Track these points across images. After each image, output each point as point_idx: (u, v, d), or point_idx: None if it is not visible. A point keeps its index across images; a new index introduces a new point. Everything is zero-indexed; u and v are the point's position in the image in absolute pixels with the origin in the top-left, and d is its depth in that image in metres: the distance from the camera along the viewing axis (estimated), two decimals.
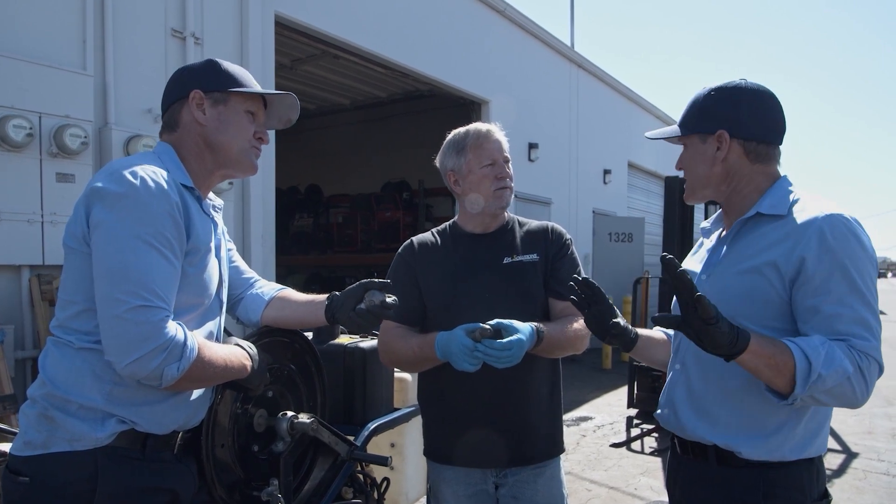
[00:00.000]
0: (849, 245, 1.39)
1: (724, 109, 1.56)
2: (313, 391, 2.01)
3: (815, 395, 1.35)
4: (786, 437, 1.47)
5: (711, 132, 1.57)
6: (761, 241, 1.50)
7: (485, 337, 1.65)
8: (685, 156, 1.66)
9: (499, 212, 2.02)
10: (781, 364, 1.34)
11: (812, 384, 1.32)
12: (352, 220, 11.84)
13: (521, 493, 1.96)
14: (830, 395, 1.35)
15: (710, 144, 1.57)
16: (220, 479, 1.67)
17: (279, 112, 1.75)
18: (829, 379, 1.32)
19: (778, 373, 1.34)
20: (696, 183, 1.64)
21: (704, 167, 1.59)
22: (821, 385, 1.32)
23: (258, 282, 1.90)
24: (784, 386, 1.35)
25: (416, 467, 3.11)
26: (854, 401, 1.37)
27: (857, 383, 1.34)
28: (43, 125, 3.97)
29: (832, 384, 1.32)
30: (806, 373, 1.32)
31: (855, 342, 1.35)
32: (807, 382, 1.32)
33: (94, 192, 1.38)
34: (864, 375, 1.34)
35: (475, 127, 2.01)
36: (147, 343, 1.31)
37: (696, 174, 1.63)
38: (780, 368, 1.34)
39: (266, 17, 5.63)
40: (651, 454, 5.41)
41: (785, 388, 1.36)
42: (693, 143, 1.62)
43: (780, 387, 1.36)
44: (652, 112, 14.43)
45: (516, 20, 9.39)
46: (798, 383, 1.32)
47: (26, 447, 1.40)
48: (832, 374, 1.32)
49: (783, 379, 1.34)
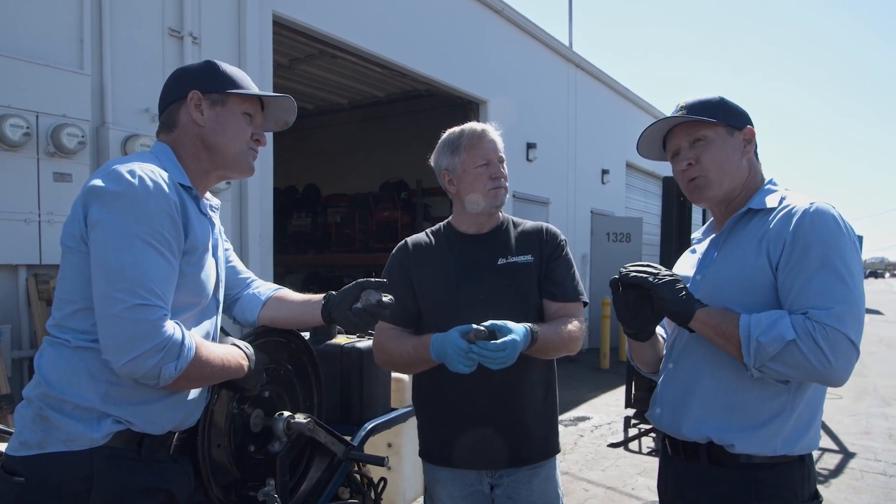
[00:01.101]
0: (827, 227, 1.43)
1: (741, 111, 1.64)
2: (310, 391, 2.01)
3: (769, 365, 1.40)
4: (778, 428, 1.49)
5: (740, 127, 1.62)
6: (753, 234, 1.54)
7: (479, 338, 1.65)
8: (706, 147, 1.60)
9: (493, 211, 2.02)
10: (728, 333, 1.44)
11: (755, 351, 1.40)
12: (350, 220, 11.83)
13: (516, 494, 1.96)
14: (785, 365, 1.39)
15: (737, 138, 1.62)
16: (216, 479, 1.67)
17: (276, 114, 1.75)
18: (769, 346, 1.38)
19: (727, 341, 1.45)
20: (724, 175, 1.61)
21: (735, 160, 1.61)
22: (763, 353, 1.39)
23: (255, 282, 1.90)
24: (738, 354, 1.45)
25: (413, 467, 3.11)
26: (813, 370, 1.37)
27: (808, 351, 1.36)
28: (40, 124, 3.96)
29: (774, 351, 1.38)
30: (746, 340, 1.41)
31: (813, 313, 1.38)
32: (749, 349, 1.41)
33: (91, 191, 1.38)
34: (818, 343, 1.35)
35: (470, 126, 2.01)
36: (144, 342, 1.31)
37: (724, 167, 1.61)
38: (727, 337, 1.45)
39: (264, 17, 5.62)
40: (648, 454, 5.41)
41: (740, 357, 1.45)
42: (719, 136, 1.61)
43: (735, 355, 1.46)
44: (650, 112, 14.44)
45: (515, 20, 9.39)
46: (742, 351, 1.42)
47: (22, 447, 1.40)
48: (770, 341, 1.38)
49: (733, 347, 1.45)
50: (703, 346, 1.57)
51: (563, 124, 11.08)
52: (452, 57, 8.19)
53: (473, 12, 8.67)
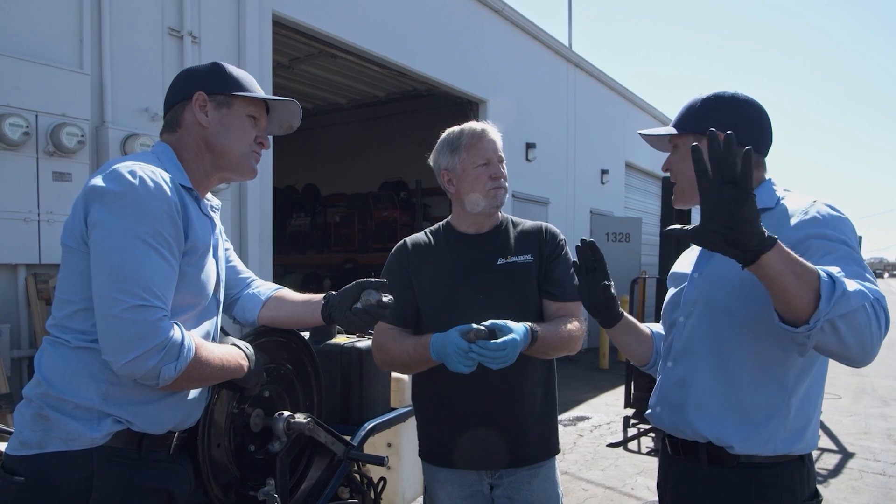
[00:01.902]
0: (832, 217, 1.41)
1: (720, 114, 1.57)
2: (310, 391, 2.01)
3: (836, 322, 1.21)
4: (776, 428, 1.49)
5: (705, 133, 1.57)
6: None
7: (479, 338, 1.65)
8: (676, 157, 1.66)
9: (493, 211, 2.01)
10: (807, 273, 1.20)
11: (836, 300, 1.18)
12: (349, 220, 11.84)
13: (515, 494, 1.96)
14: (849, 326, 1.21)
15: (703, 146, 1.57)
16: (216, 479, 1.67)
17: (281, 118, 1.75)
18: (854, 298, 1.19)
19: (803, 283, 1.19)
20: (688, 184, 1.63)
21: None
22: (845, 304, 1.19)
23: (255, 281, 1.90)
24: (807, 303, 1.20)
25: (413, 467, 3.12)
26: (869, 339, 1.23)
27: (873, 317, 1.22)
28: (39, 124, 3.96)
29: (855, 305, 1.20)
30: (830, 287, 1.18)
31: (864, 284, 1.24)
32: (832, 296, 1.18)
33: (92, 191, 1.38)
34: (878, 311, 1.23)
35: (469, 126, 2.01)
36: (144, 342, 1.30)
37: (688, 175, 1.61)
38: (805, 277, 1.19)
39: (263, 17, 5.62)
40: (648, 454, 5.41)
41: (807, 308, 1.20)
42: (687, 144, 1.61)
43: (802, 304, 1.21)
44: (649, 112, 14.45)
45: (514, 20, 9.39)
46: (823, 297, 1.18)
47: (21, 447, 1.40)
48: (856, 294, 1.20)
49: (807, 291, 1.19)
50: (703, 345, 1.57)
51: (563, 124, 11.09)
52: (452, 57, 8.19)
53: (473, 12, 8.67)
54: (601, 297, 1.70)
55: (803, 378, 1.50)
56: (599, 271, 1.69)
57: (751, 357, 1.49)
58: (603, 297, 1.71)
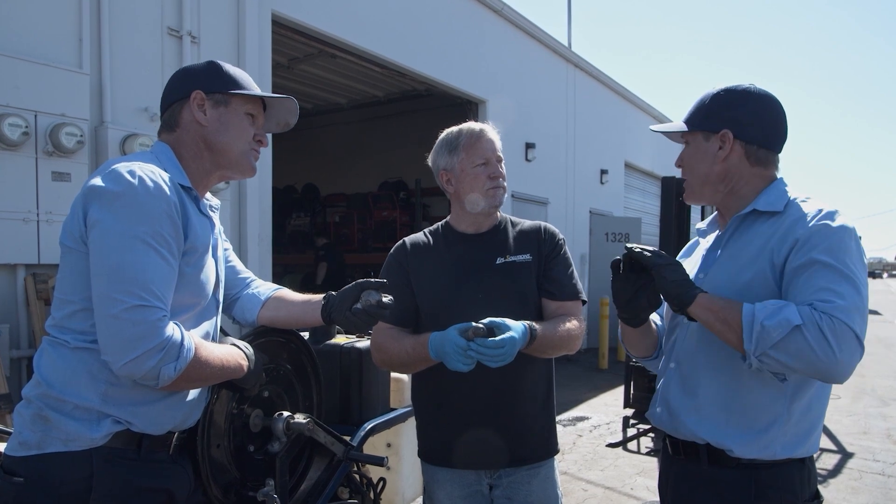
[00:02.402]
0: (839, 234, 1.41)
1: (731, 111, 1.57)
2: (309, 391, 2.00)
3: (770, 353, 1.33)
4: (777, 434, 1.48)
5: (716, 131, 1.58)
6: (758, 237, 1.52)
7: (478, 336, 1.65)
8: (687, 153, 1.66)
9: (492, 211, 2.01)
10: (730, 318, 1.38)
11: (758, 336, 1.33)
12: (348, 220, 11.83)
13: (515, 494, 1.96)
14: (787, 353, 1.31)
15: (713, 143, 1.59)
16: (215, 479, 1.67)
17: (278, 115, 1.75)
18: (774, 331, 1.31)
19: (728, 327, 1.39)
20: (696, 181, 1.64)
21: (705, 165, 1.60)
22: (767, 338, 1.32)
23: (254, 282, 1.90)
24: (737, 342, 1.38)
25: (413, 467, 3.11)
26: (817, 361, 1.29)
27: (813, 340, 1.29)
28: (39, 124, 3.96)
29: (778, 337, 1.31)
30: (749, 324, 1.35)
31: (818, 304, 1.33)
32: (751, 334, 1.34)
33: (91, 191, 1.38)
34: (823, 333, 1.29)
35: (468, 126, 2.01)
36: (143, 343, 1.30)
37: (696, 172, 1.64)
38: (728, 322, 1.39)
39: (263, 16, 5.62)
40: (647, 454, 5.42)
41: (739, 346, 1.38)
42: (696, 141, 1.62)
43: (734, 344, 1.40)
44: (649, 112, 14.45)
45: (514, 20, 9.39)
46: (744, 336, 1.35)
47: (21, 447, 1.39)
48: (776, 325, 1.32)
49: (734, 334, 1.38)
50: (705, 348, 1.57)
51: (562, 124, 11.09)
52: (451, 57, 8.19)
53: (472, 12, 8.67)
54: (650, 301, 1.59)
55: (805, 385, 1.50)
56: (647, 275, 1.56)
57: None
58: (648, 302, 1.60)
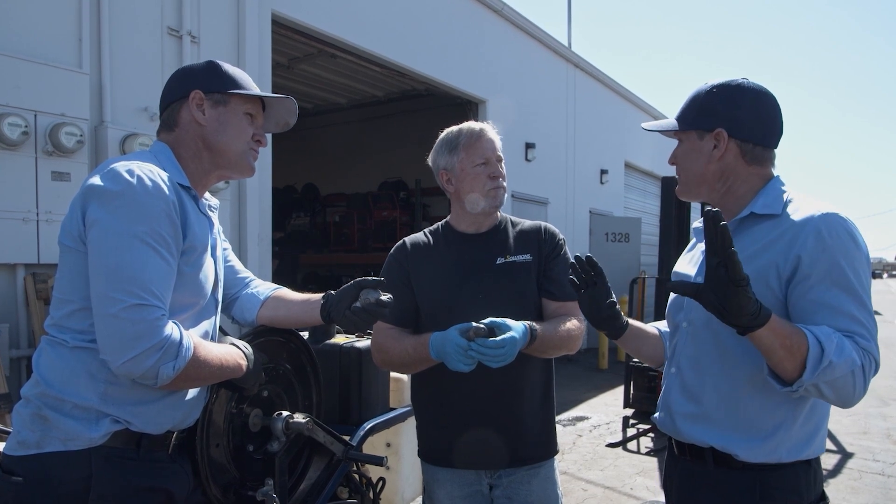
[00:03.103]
0: (844, 244, 1.38)
1: (724, 108, 1.53)
2: (309, 391, 2.00)
3: (820, 385, 1.32)
4: (782, 438, 1.47)
5: (710, 129, 1.54)
6: (756, 242, 1.49)
7: (478, 336, 1.65)
8: (680, 151, 1.63)
9: (492, 211, 2.01)
10: (796, 346, 1.30)
11: (822, 371, 1.29)
12: (348, 220, 11.84)
13: (515, 494, 1.96)
14: (832, 388, 1.32)
15: (707, 142, 1.55)
16: (214, 479, 1.67)
17: (277, 115, 1.75)
18: (839, 368, 1.29)
19: (790, 354, 1.30)
20: (690, 180, 1.62)
21: (699, 164, 1.57)
22: (829, 374, 1.29)
23: (253, 281, 1.90)
24: (792, 370, 1.31)
25: (412, 467, 3.11)
26: (851, 397, 1.34)
27: (858, 378, 1.32)
28: (38, 123, 3.96)
29: (839, 374, 1.30)
30: (818, 358, 1.28)
31: (858, 340, 1.34)
32: (817, 368, 1.28)
33: (90, 190, 1.38)
34: (865, 374, 1.33)
35: (468, 126, 2.00)
36: (142, 342, 1.30)
37: (690, 171, 1.61)
38: (793, 350, 1.30)
39: (263, 16, 5.62)
40: (647, 454, 5.42)
41: (792, 373, 1.32)
42: (690, 139, 1.59)
43: (788, 370, 1.32)
44: (649, 112, 14.44)
45: (514, 20, 9.39)
46: (808, 368, 1.29)
47: (20, 447, 1.39)
48: (842, 364, 1.29)
49: (794, 362, 1.30)
50: (707, 357, 1.55)
51: (562, 124, 11.09)
52: (451, 57, 8.19)
53: (472, 12, 8.67)
54: (606, 312, 1.68)
55: None
56: (601, 286, 1.67)
57: (755, 370, 1.44)
58: (608, 313, 1.68)
